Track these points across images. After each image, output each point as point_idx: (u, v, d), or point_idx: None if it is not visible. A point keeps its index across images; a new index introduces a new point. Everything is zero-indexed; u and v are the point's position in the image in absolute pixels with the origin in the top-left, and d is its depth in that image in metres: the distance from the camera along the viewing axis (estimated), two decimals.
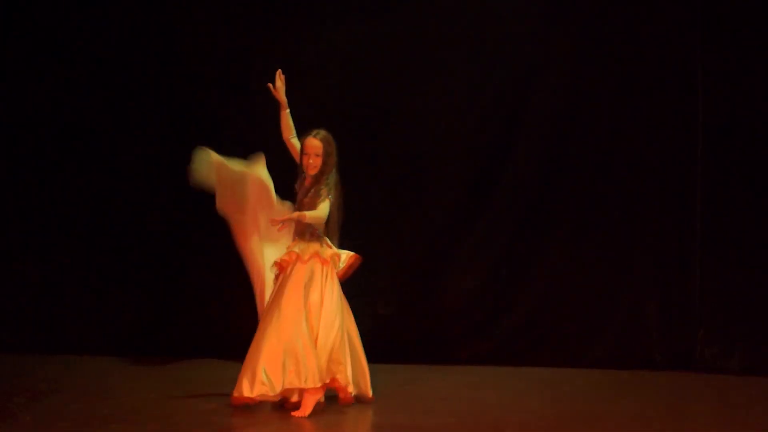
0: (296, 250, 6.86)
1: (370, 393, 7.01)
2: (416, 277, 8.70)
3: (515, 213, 8.62)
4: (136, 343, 8.74)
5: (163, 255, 8.82)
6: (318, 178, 6.89)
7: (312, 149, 6.88)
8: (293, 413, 6.62)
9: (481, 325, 8.64)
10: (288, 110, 7.02)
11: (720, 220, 8.38)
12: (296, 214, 6.75)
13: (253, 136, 8.65)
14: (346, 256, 7.01)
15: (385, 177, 8.68)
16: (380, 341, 8.60)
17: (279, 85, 6.98)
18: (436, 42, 8.66)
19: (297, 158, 7.01)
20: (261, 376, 6.58)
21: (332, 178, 6.92)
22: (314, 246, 6.88)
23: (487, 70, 8.62)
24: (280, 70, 6.98)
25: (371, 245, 8.58)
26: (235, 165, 6.82)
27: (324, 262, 6.88)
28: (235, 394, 6.67)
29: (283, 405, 6.77)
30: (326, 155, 6.88)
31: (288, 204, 7.00)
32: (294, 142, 7.02)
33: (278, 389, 6.60)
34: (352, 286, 8.46)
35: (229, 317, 8.67)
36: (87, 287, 8.84)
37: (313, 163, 6.88)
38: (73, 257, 8.85)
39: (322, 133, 6.92)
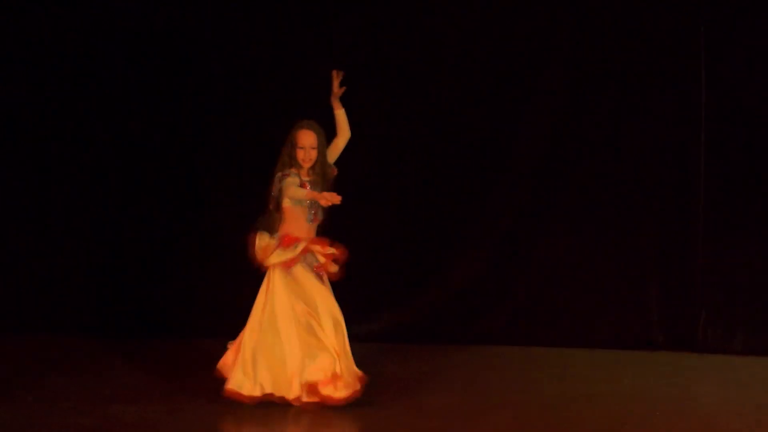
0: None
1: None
2: (422, 258, 8.69)
3: (519, 195, 8.61)
4: (138, 323, 8.75)
5: (162, 237, 8.82)
6: (320, 168, 6.70)
7: (310, 142, 6.66)
8: None
9: (485, 306, 8.64)
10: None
11: (722, 201, 8.37)
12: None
13: (257, 130, 8.66)
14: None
15: (391, 163, 8.66)
16: (386, 322, 8.65)
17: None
18: (441, 32, 8.62)
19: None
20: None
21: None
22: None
23: (492, 55, 8.59)
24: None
25: (377, 229, 8.62)
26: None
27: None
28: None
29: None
30: (321, 146, 6.70)
31: None
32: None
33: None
34: (357, 270, 8.47)
35: (230, 298, 8.67)
36: (87, 268, 8.84)
37: (309, 156, 6.67)
38: (73, 239, 8.84)
39: (314, 124, 6.72)
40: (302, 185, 6.67)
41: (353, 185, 8.11)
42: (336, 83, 6.77)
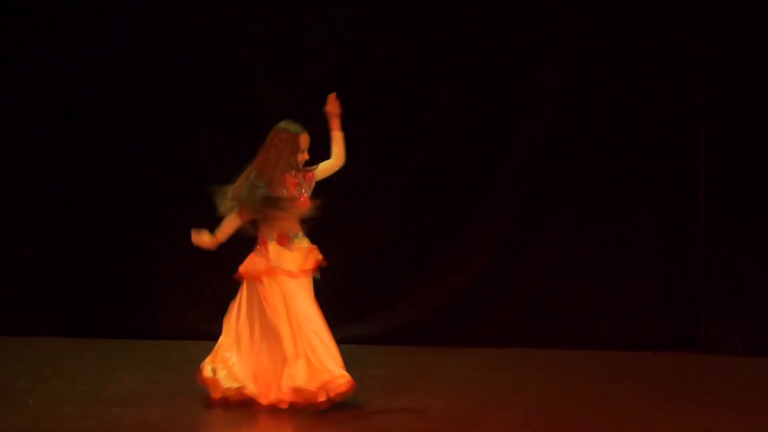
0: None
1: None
2: (421, 260, 8.68)
3: (518, 195, 8.60)
4: (138, 326, 8.74)
5: (165, 238, 8.80)
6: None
7: (307, 144, 6.59)
8: None
9: (486, 307, 8.63)
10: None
11: (723, 200, 8.36)
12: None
13: (254, 122, 8.64)
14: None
15: (387, 159, 8.66)
16: (385, 324, 8.64)
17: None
18: (439, 24, 8.62)
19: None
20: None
21: None
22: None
23: (490, 51, 8.58)
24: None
25: (375, 231, 8.61)
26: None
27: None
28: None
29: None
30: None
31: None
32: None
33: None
34: (354, 269, 8.47)
35: (227, 300, 8.67)
36: (87, 270, 8.83)
37: (304, 159, 6.62)
38: (75, 240, 8.83)
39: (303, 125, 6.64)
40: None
41: (350, 187, 8.14)
42: (329, 104, 6.62)
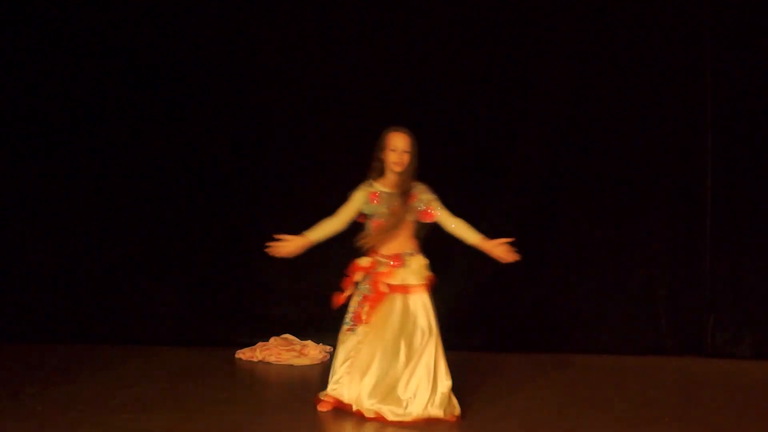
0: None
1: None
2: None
3: (524, 199, 8.61)
4: (147, 332, 8.75)
5: (172, 245, 8.81)
6: (406, 177, 6.51)
7: (403, 145, 6.49)
8: None
9: (492, 312, 8.64)
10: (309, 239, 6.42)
11: (730, 205, 8.37)
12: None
13: (259, 125, 8.67)
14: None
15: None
16: None
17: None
18: (444, 27, 8.63)
19: (356, 214, 6.56)
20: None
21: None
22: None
23: (493, 56, 8.60)
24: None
25: None
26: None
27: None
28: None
29: None
30: (414, 151, 6.52)
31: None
32: (337, 220, 6.50)
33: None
34: None
35: (239, 307, 8.68)
36: (96, 277, 8.84)
37: (403, 161, 6.48)
38: (82, 247, 8.84)
39: (403, 128, 6.57)
40: (372, 197, 6.53)
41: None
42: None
